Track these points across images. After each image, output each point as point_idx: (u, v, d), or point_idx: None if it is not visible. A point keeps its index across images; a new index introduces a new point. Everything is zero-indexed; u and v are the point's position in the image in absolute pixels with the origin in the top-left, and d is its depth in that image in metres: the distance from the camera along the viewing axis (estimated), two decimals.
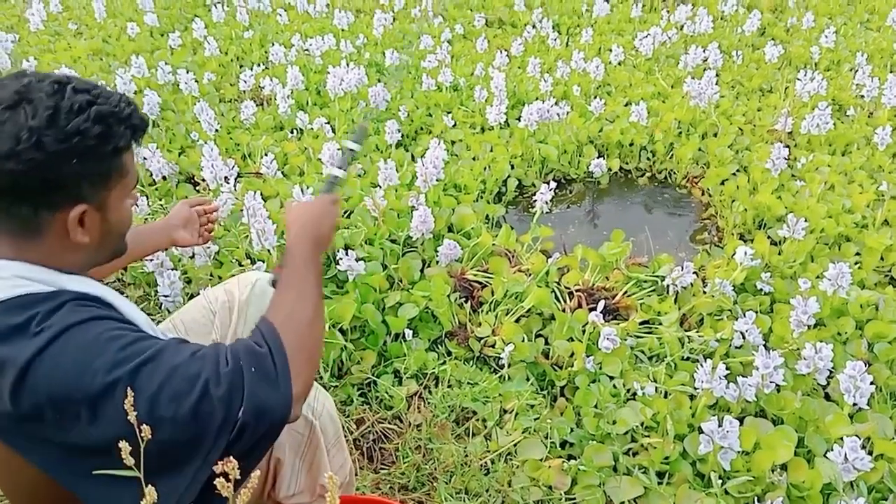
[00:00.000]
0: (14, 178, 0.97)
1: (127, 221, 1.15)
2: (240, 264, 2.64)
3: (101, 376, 0.92)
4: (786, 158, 3.38)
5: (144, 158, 3.25)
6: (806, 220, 2.87)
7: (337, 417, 1.47)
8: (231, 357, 0.99)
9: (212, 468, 0.89)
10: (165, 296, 2.47)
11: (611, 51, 4.85)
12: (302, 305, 1.12)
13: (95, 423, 0.92)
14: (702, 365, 2.14)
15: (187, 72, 4.07)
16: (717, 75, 4.40)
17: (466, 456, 1.99)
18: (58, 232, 1.04)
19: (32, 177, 0.97)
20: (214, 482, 0.81)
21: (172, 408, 0.92)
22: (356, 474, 1.95)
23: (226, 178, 3.08)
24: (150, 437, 0.87)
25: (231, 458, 0.82)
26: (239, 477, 0.80)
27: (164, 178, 3.34)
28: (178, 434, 0.93)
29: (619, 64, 4.83)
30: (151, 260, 2.55)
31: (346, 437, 2.03)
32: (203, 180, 3.08)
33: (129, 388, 0.89)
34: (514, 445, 2.03)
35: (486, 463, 1.98)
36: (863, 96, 4.20)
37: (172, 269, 2.53)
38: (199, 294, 1.65)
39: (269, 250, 2.67)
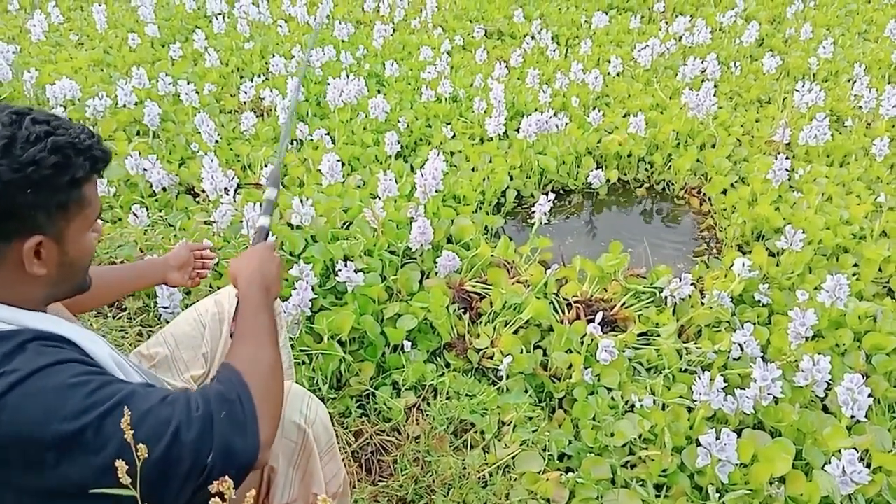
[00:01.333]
0: None
1: (88, 254, 1.13)
2: None
3: (68, 422, 0.91)
4: (785, 170, 3.39)
5: (145, 170, 3.26)
6: (804, 232, 2.88)
7: (330, 426, 1.47)
8: (202, 402, 0.99)
9: None
10: (165, 307, 2.47)
11: (609, 62, 4.88)
12: (262, 353, 1.14)
13: (60, 468, 0.91)
14: (700, 377, 2.15)
15: (188, 83, 4.09)
16: (715, 86, 4.42)
17: (464, 468, 1.99)
18: (13, 263, 1.03)
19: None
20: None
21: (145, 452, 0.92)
22: (354, 486, 1.95)
23: (226, 189, 3.09)
24: (118, 479, 0.88)
25: (226, 477, 0.82)
26: None
27: (164, 189, 3.35)
28: (147, 477, 0.92)
29: (618, 75, 4.85)
30: None
31: (344, 449, 2.04)
32: (203, 191, 3.09)
33: (97, 433, 0.89)
34: (512, 458, 2.03)
35: (484, 475, 1.98)
36: (861, 107, 4.22)
37: None
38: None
39: None
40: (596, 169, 3.76)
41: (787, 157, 3.44)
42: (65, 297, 1.15)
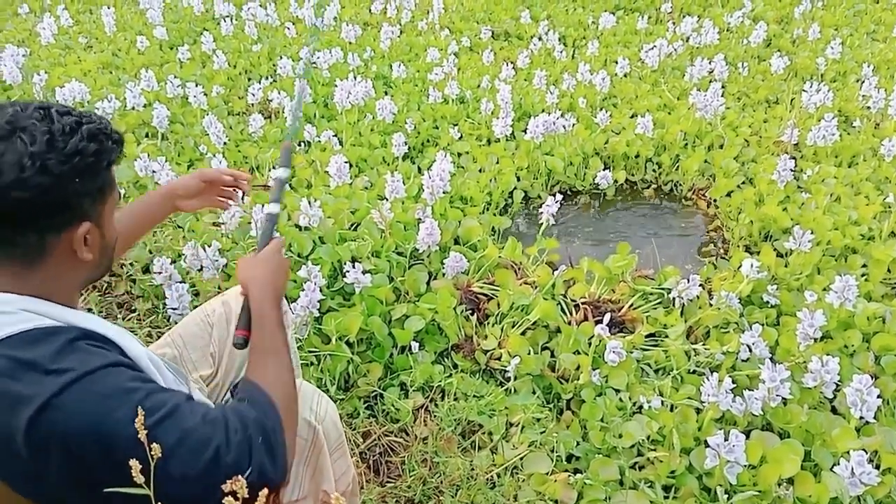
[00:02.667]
0: (21, 205, 0.98)
1: (115, 235, 1.18)
2: None
3: (121, 427, 0.92)
4: (792, 170, 3.38)
5: (154, 171, 3.28)
6: (812, 233, 2.87)
7: (339, 423, 1.49)
8: (240, 426, 1.01)
9: None
10: (174, 309, 2.48)
11: (616, 63, 4.87)
12: (285, 374, 1.15)
13: (103, 471, 0.93)
14: (708, 378, 2.14)
15: (196, 85, 4.11)
16: (723, 87, 4.41)
17: (472, 469, 1.99)
18: (62, 254, 1.06)
19: (39, 201, 0.99)
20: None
21: (184, 468, 0.94)
22: (362, 487, 1.96)
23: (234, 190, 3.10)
24: (157, 489, 0.90)
25: (240, 476, 0.84)
26: None
27: None
28: (184, 492, 0.95)
29: (625, 76, 4.85)
30: (160, 273, 2.57)
31: (352, 450, 2.04)
32: None
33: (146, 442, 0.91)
34: (520, 459, 2.03)
35: (492, 476, 1.99)
36: (869, 107, 4.20)
37: (181, 282, 2.55)
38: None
39: None
40: (603, 170, 3.76)
41: (794, 158, 3.43)
42: (98, 278, 1.20)
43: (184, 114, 4.16)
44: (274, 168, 1.51)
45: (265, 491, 0.87)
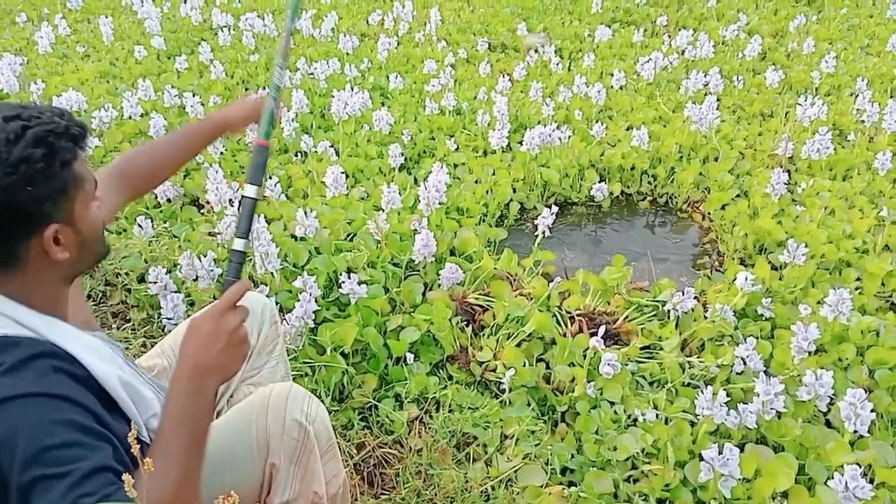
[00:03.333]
0: None
1: (98, 225, 1.17)
2: None
3: (14, 456, 0.92)
4: (786, 183, 3.40)
5: None
6: (806, 246, 2.88)
7: (330, 426, 1.48)
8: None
9: None
10: (168, 318, 2.48)
11: (612, 75, 4.90)
12: (162, 483, 0.99)
13: None
14: (703, 391, 2.15)
15: (193, 95, 4.12)
16: (717, 100, 4.44)
17: (467, 482, 1.99)
18: (36, 257, 1.08)
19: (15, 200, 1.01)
20: None
21: None
22: (356, 499, 1.95)
23: (230, 200, 3.11)
24: None
25: (232, 493, 0.83)
26: None
27: (168, 200, 3.36)
28: None
29: (621, 88, 4.87)
30: (156, 283, 2.56)
31: (346, 461, 2.04)
32: (207, 202, 3.11)
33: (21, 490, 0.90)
34: (515, 471, 2.03)
35: (486, 489, 1.98)
36: (863, 121, 4.23)
37: (176, 292, 2.55)
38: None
39: (272, 273, 2.68)
40: (599, 182, 3.77)
41: (789, 171, 3.44)
42: (88, 269, 1.20)
43: (181, 124, 4.16)
44: (247, 182, 1.32)
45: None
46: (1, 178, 1.00)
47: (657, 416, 2.23)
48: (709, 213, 3.61)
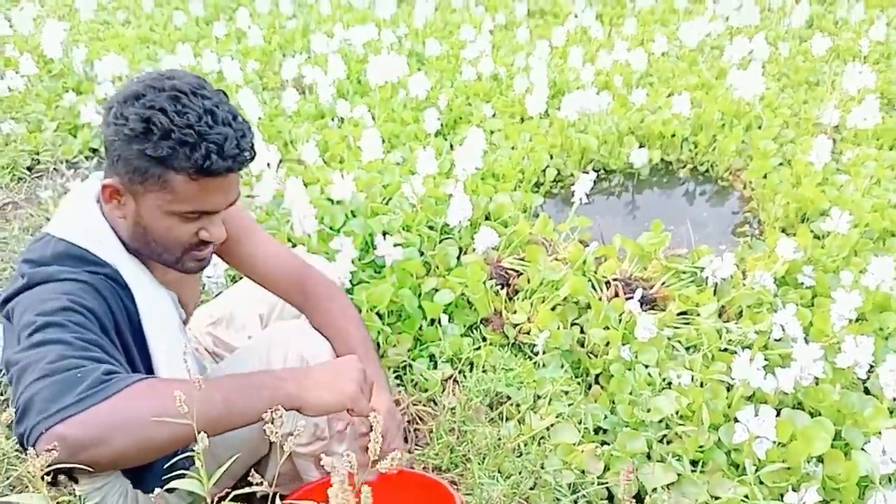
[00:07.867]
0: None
1: (167, 234, 1.24)
2: None
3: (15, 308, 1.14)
4: (831, 152, 3.32)
5: None
6: (850, 214, 2.82)
7: None
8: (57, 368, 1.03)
9: None
10: (209, 277, 2.53)
11: (654, 41, 4.80)
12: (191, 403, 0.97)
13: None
14: (739, 355, 2.13)
15: (232, 59, 4.14)
16: (762, 67, 4.33)
17: (500, 439, 2.00)
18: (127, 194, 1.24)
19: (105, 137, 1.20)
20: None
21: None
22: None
23: (268, 163, 3.14)
24: None
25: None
26: None
27: None
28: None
29: (663, 55, 4.78)
30: None
31: None
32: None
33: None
34: (548, 429, 2.04)
35: (519, 445, 2.00)
36: None
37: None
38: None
39: (308, 234, 2.71)
40: (638, 148, 3.72)
41: (834, 140, 3.36)
42: (158, 261, 1.30)
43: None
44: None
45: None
46: (109, 122, 1.17)
47: (692, 379, 2.21)
48: (750, 182, 3.54)
